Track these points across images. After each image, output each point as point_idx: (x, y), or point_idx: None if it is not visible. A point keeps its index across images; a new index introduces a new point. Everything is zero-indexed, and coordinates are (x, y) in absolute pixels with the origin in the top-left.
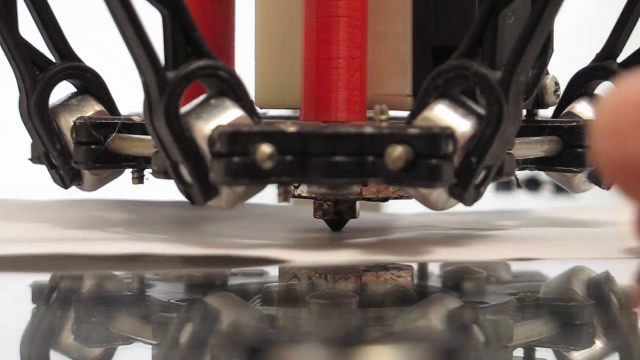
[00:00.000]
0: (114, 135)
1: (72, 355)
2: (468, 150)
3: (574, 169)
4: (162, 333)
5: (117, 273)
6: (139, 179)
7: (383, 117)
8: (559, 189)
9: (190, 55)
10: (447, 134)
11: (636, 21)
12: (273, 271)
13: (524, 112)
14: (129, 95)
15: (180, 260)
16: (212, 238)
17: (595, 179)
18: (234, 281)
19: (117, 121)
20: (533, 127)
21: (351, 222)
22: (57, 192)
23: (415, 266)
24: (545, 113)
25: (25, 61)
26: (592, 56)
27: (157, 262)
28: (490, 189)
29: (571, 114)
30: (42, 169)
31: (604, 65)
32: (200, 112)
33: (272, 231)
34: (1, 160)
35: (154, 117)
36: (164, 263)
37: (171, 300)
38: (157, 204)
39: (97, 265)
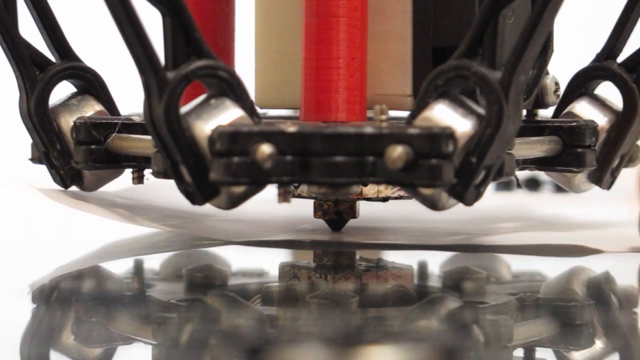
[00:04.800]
0: (114, 135)
1: (72, 355)
2: (468, 150)
3: (574, 169)
4: (162, 333)
5: (116, 273)
6: (139, 179)
7: (383, 117)
8: (559, 189)
9: (190, 55)
10: (447, 134)
11: (636, 21)
12: (273, 271)
13: (524, 112)
14: (129, 95)
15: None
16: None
17: (596, 179)
18: (234, 281)
19: (117, 121)
20: (533, 127)
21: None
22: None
23: (415, 266)
24: (545, 113)
25: (25, 61)
26: (592, 56)
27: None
28: (490, 189)
29: (571, 114)
30: (43, 169)
31: (604, 65)
32: (200, 112)
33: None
34: (1, 160)
35: (154, 117)
36: None
37: (171, 300)
38: None
39: None
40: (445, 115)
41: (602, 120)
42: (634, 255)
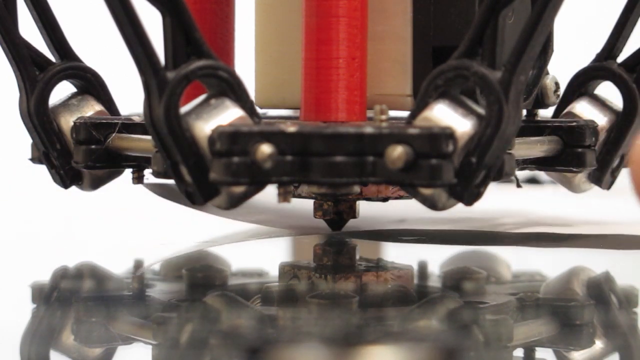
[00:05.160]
0: (114, 135)
1: (72, 355)
2: (468, 150)
3: (574, 169)
4: (162, 333)
5: (116, 273)
6: (139, 179)
7: (383, 117)
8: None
9: (190, 55)
10: (447, 134)
11: (636, 21)
12: (273, 271)
13: (524, 112)
14: (129, 95)
15: None
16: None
17: (596, 179)
18: (234, 281)
19: (117, 121)
20: (533, 127)
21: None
22: (57, 192)
23: (415, 266)
24: (545, 113)
25: (25, 61)
26: (592, 56)
27: None
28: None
29: (571, 114)
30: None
31: (604, 65)
32: (200, 112)
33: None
34: (1, 160)
35: (154, 117)
36: None
37: (171, 300)
38: None
39: None
40: (445, 115)
41: (602, 120)
42: (634, 255)
